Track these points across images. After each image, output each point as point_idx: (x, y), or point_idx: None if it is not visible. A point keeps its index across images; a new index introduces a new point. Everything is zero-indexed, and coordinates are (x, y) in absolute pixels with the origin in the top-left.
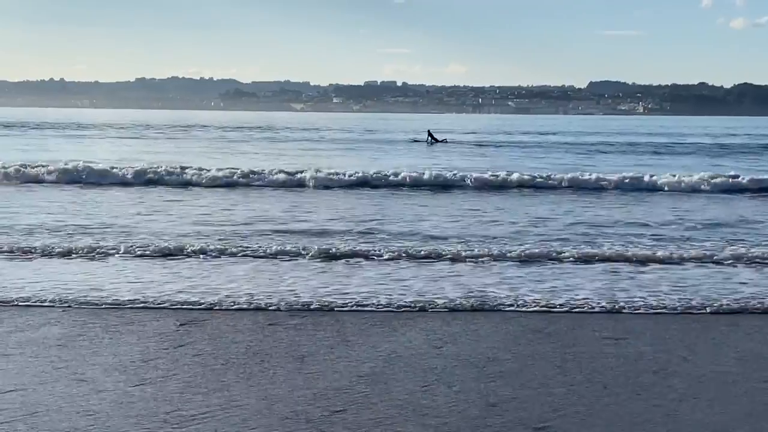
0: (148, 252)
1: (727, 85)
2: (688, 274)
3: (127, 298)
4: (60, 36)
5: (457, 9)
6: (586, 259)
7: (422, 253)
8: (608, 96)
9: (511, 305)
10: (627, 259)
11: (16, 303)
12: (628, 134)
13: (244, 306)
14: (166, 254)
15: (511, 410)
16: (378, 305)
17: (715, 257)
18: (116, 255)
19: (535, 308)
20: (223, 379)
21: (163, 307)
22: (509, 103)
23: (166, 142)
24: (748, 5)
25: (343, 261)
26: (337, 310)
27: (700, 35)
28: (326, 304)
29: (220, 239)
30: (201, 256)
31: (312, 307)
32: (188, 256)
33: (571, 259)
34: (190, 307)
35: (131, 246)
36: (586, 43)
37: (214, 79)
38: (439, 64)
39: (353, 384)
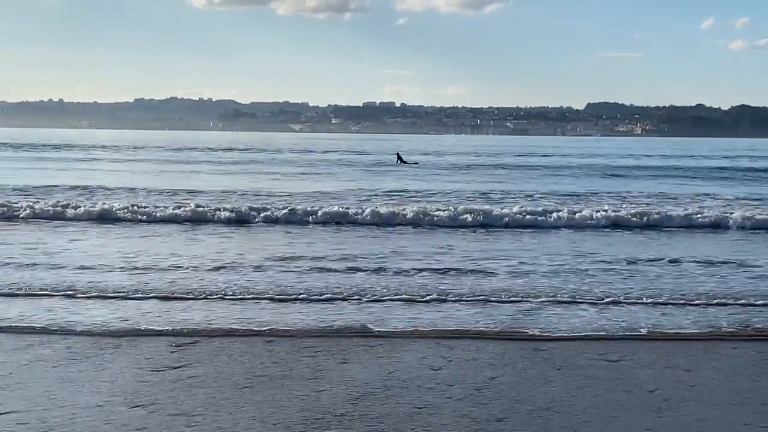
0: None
1: (725, 107)
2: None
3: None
4: (60, 57)
5: (457, 31)
6: None
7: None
8: (606, 117)
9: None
10: None
11: (11, 327)
12: (629, 157)
13: (242, 328)
14: None
15: (512, 429)
16: (374, 330)
17: None
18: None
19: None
20: (221, 402)
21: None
22: (507, 124)
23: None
24: (748, 28)
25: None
26: (335, 335)
27: (699, 57)
28: (326, 327)
29: None
30: None
31: (312, 330)
32: None
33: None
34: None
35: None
36: (584, 64)
37: (213, 99)
38: (438, 86)
39: (352, 405)
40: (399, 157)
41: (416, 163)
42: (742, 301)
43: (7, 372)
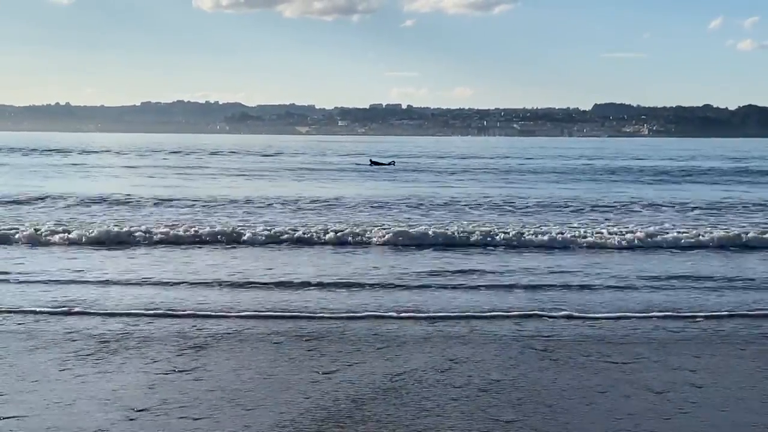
0: None
1: (732, 107)
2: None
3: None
4: (67, 61)
5: (464, 32)
6: None
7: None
8: (613, 118)
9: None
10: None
11: (21, 330)
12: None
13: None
14: None
15: (519, 431)
16: (382, 332)
17: None
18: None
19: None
20: (227, 405)
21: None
22: (514, 125)
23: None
24: (757, 27)
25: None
26: (342, 337)
27: (707, 57)
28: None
29: None
30: None
31: (319, 331)
32: None
33: None
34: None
35: None
36: (591, 65)
37: (220, 102)
38: (445, 87)
39: (359, 407)
40: (372, 161)
41: (392, 163)
42: None
43: (17, 374)
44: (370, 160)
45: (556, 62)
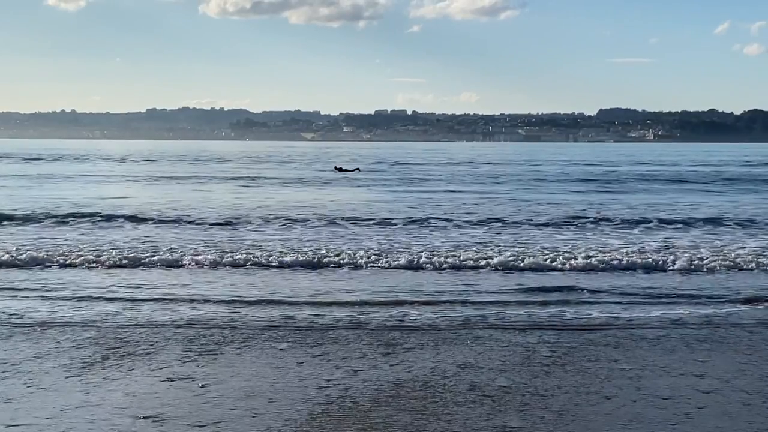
0: None
1: (737, 112)
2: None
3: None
4: (73, 68)
5: (471, 38)
6: None
7: None
8: (618, 123)
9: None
10: None
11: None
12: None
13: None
14: None
15: None
16: (386, 337)
17: None
18: None
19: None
20: (231, 413)
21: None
22: (519, 131)
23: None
24: (764, 32)
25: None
26: (346, 342)
27: (713, 62)
28: (338, 333)
29: None
30: None
31: (323, 337)
32: None
33: None
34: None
35: None
36: (597, 70)
37: (225, 109)
38: (451, 93)
39: (364, 412)
40: (337, 168)
41: (357, 170)
42: None
43: (25, 382)
44: (335, 167)
45: (562, 68)
